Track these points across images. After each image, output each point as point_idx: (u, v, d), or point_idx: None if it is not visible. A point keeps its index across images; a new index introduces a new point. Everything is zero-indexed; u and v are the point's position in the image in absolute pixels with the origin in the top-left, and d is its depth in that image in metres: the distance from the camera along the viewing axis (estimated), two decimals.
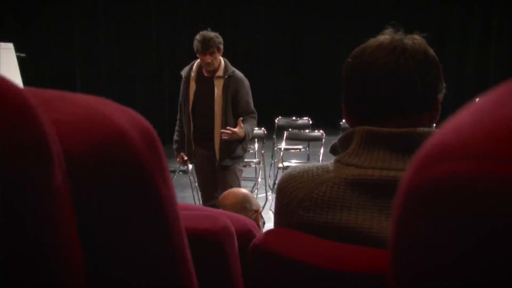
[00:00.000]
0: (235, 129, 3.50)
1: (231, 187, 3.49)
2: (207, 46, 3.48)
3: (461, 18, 10.54)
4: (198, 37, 3.55)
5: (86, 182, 0.46)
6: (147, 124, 0.52)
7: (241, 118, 3.54)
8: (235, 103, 3.61)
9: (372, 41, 1.07)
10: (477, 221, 0.27)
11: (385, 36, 1.07)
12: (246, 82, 3.66)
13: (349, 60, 1.09)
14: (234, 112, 3.63)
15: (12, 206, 0.38)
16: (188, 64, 3.83)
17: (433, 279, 0.30)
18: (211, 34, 3.55)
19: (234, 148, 3.68)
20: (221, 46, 3.57)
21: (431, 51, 1.06)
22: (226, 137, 3.50)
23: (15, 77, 5.18)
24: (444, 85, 1.09)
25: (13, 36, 5.93)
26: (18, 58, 5.47)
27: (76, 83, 8.21)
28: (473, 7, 10.37)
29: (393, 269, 0.34)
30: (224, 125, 3.61)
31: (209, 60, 3.52)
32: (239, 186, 3.76)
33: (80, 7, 8.32)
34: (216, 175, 3.76)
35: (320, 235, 1.00)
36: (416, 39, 1.06)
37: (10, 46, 5.36)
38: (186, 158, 3.85)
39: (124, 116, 0.50)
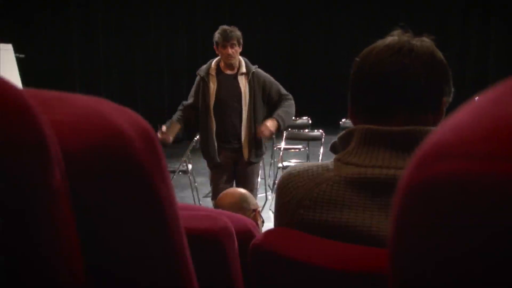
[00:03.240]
0: (267, 129, 3.45)
1: (253, 184, 3.50)
2: (229, 38, 3.49)
3: (461, 18, 10.55)
4: (218, 30, 3.55)
5: (85, 182, 0.46)
6: (146, 124, 0.52)
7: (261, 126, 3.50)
8: (267, 95, 3.59)
9: (380, 42, 1.08)
10: (476, 219, 0.27)
11: (393, 37, 1.07)
12: (267, 74, 3.67)
13: (357, 59, 1.10)
14: (269, 104, 3.61)
15: (11, 206, 0.37)
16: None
17: (431, 278, 0.30)
18: (232, 27, 3.56)
19: (260, 144, 3.68)
20: (241, 41, 3.56)
21: (439, 54, 1.06)
22: (266, 134, 3.47)
23: (14, 78, 5.19)
24: (452, 89, 1.09)
25: (12, 37, 5.93)
26: (17, 59, 5.47)
27: (75, 83, 8.21)
28: (472, 7, 10.37)
29: (392, 268, 0.34)
30: (252, 121, 3.59)
31: (230, 52, 3.49)
32: (257, 182, 3.80)
33: (79, 8, 8.32)
34: (235, 176, 3.73)
35: (320, 234, 1.00)
36: (424, 41, 1.06)
37: (9, 47, 5.36)
38: (165, 131, 3.58)
39: (122, 116, 0.50)
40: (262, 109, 3.63)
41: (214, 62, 3.67)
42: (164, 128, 3.59)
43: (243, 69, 3.59)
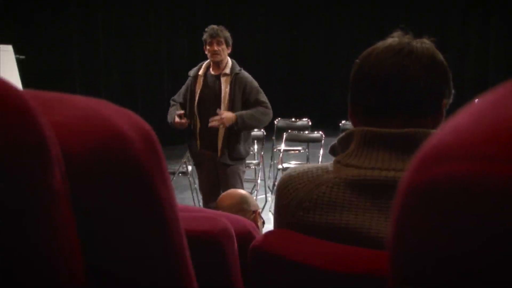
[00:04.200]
0: (220, 119, 3.43)
1: (230, 182, 3.49)
2: (215, 35, 3.54)
3: (459, 19, 10.56)
4: (206, 29, 3.62)
5: (86, 184, 0.46)
6: (146, 125, 0.52)
7: (221, 111, 3.49)
8: (246, 99, 3.60)
9: (380, 43, 1.08)
10: (476, 221, 0.27)
11: (394, 39, 1.07)
12: (253, 79, 3.68)
13: (357, 61, 1.10)
14: (246, 108, 3.60)
15: (11, 206, 0.38)
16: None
17: (432, 279, 0.30)
18: (221, 27, 3.62)
19: (235, 147, 3.67)
20: (230, 41, 3.60)
21: (440, 56, 1.06)
22: (216, 124, 3.45)
23: (15, 79, 5.19)
24: (453, 91, 1.08)
25: (12, 38, 5.93)
26: (18, 60, 5.48)
27: (75, 85, 8.21)
28: (472, 7, 10.38)
29: (392, 270, 0.34)
30: None
31: (216, 48, 3.54)
32: (242, 187, 3.75)
33: (79, 9, 8.33)
34: (218, 177, 3.74)
35: (320, 235, 1.00)
36: (424, 43, 1.06)
37: (9, 48, 5.37)
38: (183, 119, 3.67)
39: (123, 118, 0.50)
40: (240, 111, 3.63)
41: (204, 64, 3.76)
42: (177, 116, 3.66)
43: (227, 70, 3.63)
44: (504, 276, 0.26)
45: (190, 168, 5.21)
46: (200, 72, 3.71)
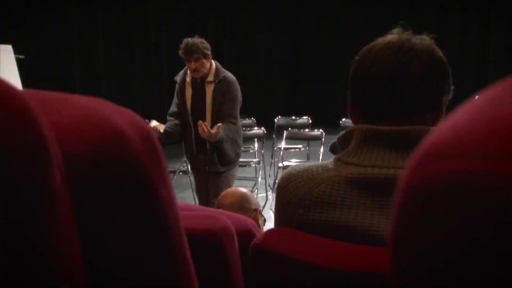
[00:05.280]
0: (211, 131, 3.34)
1: (222, 191, 3.47)
2: (191, 52, 3.47)
3: (459, 16, 10.55)
4: (182, 44, 3.54)
5: (85, 184, 0.46)
6: (145, 125, 0.52)
7: (220, 124, 3.41)
8: (220, 107, 3.56)
9: (380, 40, 1.08)
10: (475, 219, 0.27)
11: (393, 35, 1.07)
12: (236, 86, 3.61)
13: (357, 58, 1.09)
14: (218, 114, 3.56)
15: (11, 207, 0.38)
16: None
17: (432, 277, 0.30)
18: (196, 40, 3.53)
19: (225, 153, 3.63)
20: (208, 52, 3.52)
21: (439, 52, 1.06)
22: (200, 132, 3.36)
23: (14, 79, 5.19)
24: (452, 87, 1.08)
25: (12, 38, 5.93)
26: (17, 60, 5.47)
27: (75, 84, 8.22)
28: (471, 4, 10.37)
29: (392, 268, 0.34)
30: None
31: (194, 67, 3.49)
32: None
33: (79, 9, 8.33)
34: (209, 180, 3.75)
35: (320, 233, 1.00)
36: (424, 39, 1.06)
37: (9, 48, 5.37)
38: (158, 128, 3.57)
39: (122, 117, 0.50)
40: None
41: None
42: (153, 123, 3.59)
43: (211, 78, 3.58)
44: (504, 275, 0.26)
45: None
46: (188, 79, 3.67)
